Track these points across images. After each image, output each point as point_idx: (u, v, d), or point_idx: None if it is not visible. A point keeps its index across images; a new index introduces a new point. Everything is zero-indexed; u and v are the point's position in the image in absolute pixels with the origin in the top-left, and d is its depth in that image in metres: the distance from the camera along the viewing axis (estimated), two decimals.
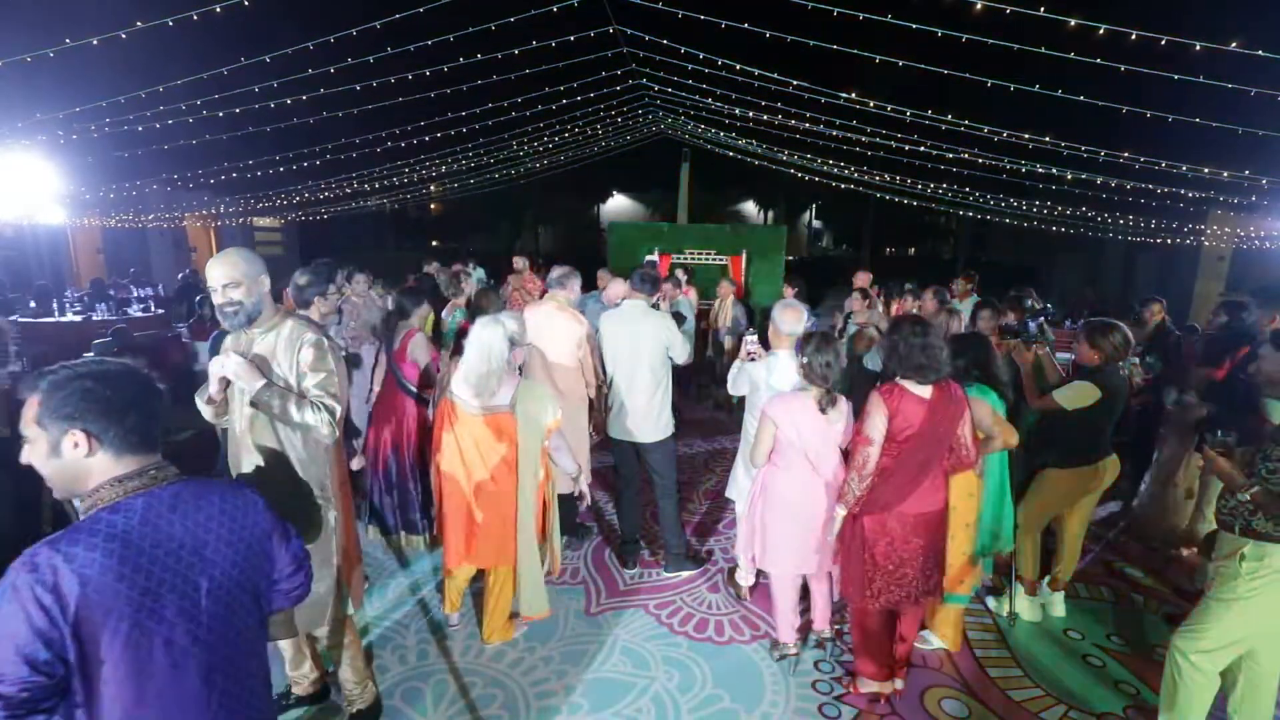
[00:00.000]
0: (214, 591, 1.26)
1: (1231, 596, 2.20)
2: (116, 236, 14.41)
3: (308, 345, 2.22)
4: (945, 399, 2.48)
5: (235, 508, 1.33)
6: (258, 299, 2.19)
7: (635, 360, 3.54)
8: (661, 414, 3.62)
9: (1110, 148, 6.54)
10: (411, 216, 26.92)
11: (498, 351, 2.67)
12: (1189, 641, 2.30)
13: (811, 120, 7.91)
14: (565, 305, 3.73)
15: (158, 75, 5.86)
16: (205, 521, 1.26)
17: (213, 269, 2.15)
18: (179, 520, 1.23)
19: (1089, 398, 3.02)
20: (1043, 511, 3.31)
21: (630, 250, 9.85)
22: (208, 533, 1.26)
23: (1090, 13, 4.22)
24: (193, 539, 1.24)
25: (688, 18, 5.33)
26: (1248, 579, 2.15)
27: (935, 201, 11.91)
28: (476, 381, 2.69)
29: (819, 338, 2.72)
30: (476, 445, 2.78)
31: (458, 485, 2.84)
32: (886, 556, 2.56)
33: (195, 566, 1.23)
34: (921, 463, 2.49)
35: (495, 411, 2.75)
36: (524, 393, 2.77)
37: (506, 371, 2.74)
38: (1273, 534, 2.10)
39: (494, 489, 2.80)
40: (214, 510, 1.29)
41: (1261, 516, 2.12)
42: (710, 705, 2.71)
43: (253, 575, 1.36)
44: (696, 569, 3.76)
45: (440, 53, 5.96)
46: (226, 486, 1.35)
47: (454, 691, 2.76)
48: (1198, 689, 2.29)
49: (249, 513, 1.35)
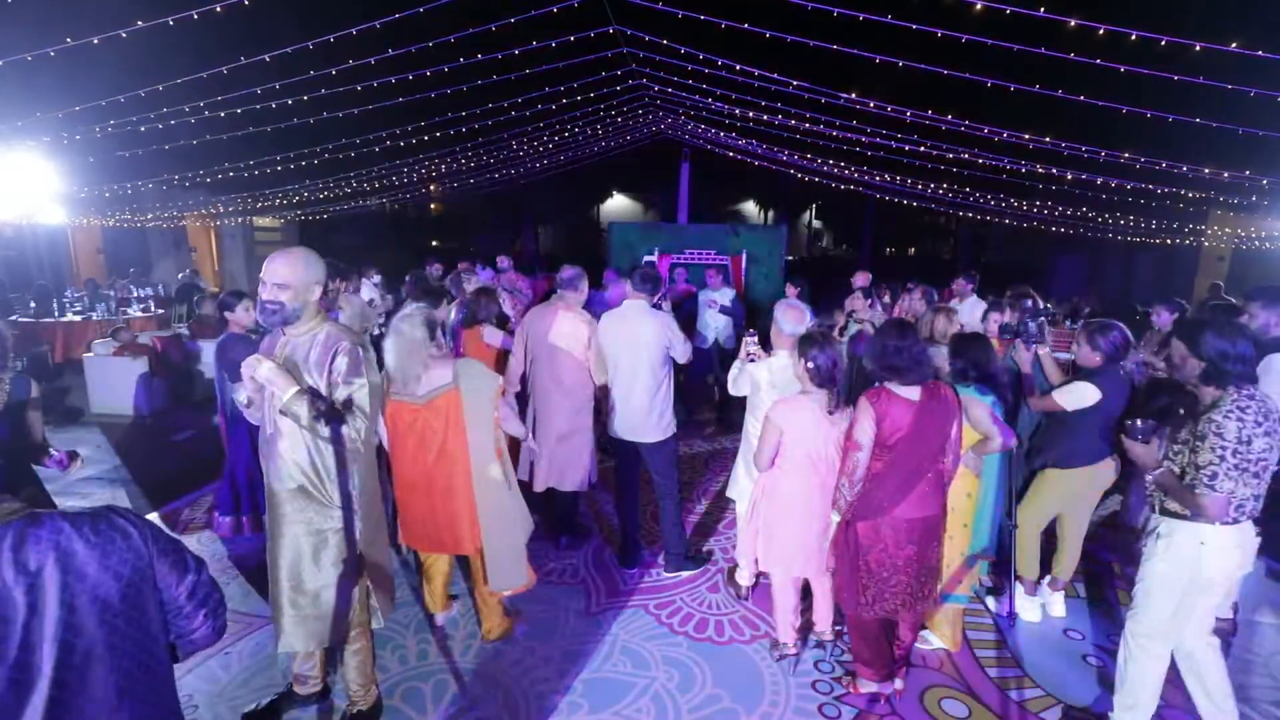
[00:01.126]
0: (64, 652, 1.07)
1: (1153, 574, 2.34)
2: (116, 236, 14.42)
3: (342, 354, 2.19)
4: (933, 401, 2.47)
5: (91, 546, 1.13)
6: (300, 305, 2.18)
7: (636, 360, 3.55)
8: (663, 415, 3.62)
9: (1110, 148, 6.54)
10: (411, 216, 26.90)
11: (419, 338, 2.65)
12: (1133, 623, 2.44)
13: (811, 120, 7.91)
14: (573, 305, 3.73)
15: (158, 75, 5.86)
16: (41, 569, 1.08)
17: (270, 263, 2.15)
18: (5, 570, 1.05)
19: (1089, 398, 3.02)
20: (1043, 512, 3.32)
21: (630, 250, 9.86)
22: (46, 581, 1.07)
23: (1090, 13, 4.22)
24: (24, 593, 1.05)
25: (688, 18, 5.33)
26: (1161, 556, 2.30)
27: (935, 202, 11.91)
28: (402, 372, 2.67)
29: (820, 338, 2.71)
30: (422, 435, 2.75)
31: (414, 480, 2.82)
32: (880, 564, 2.53)
33: (30, 625, 1.05)
34: (914, 467, 2.47)
35: (435, 395, 2.71)
36: (464, 368, 2.76)
37: (434, 355, 2.72)
38: (1179, 512, 2.24)
39: (446, 473, 2.77)
40: (56, 553, 1.09)
41: (1170, 497, 2.26)
42: (710, 705, 2.71)
43: (134, 623, 1.18)
44: (696, 569, 3.76)
45: (440, 53, 5.96)
46: (84, 520, 1.15)
47: (454, 691, 2.76)
48: (1146, 668, 2.40)
49: (110, 550, 1.15)
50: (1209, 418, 2.13)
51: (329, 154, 9.07)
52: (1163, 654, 2.39)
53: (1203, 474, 2.12)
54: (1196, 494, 2.14)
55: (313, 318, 2.24)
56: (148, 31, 4.87)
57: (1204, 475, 2.12)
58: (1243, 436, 2.08)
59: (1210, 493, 2.11)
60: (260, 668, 2.89)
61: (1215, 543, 2.19)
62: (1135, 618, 2.42)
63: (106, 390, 6.95)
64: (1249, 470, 2.11)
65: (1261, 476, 2.16)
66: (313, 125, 7.49)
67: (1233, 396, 2.13)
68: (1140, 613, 2.40)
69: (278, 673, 2.83)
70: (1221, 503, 2.12)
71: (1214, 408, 2.14)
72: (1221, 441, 2.09)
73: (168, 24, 4.84)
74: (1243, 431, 2.08)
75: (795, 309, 3.16)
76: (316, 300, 2.23)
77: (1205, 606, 2.33)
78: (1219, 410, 2.12)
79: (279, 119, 7.10)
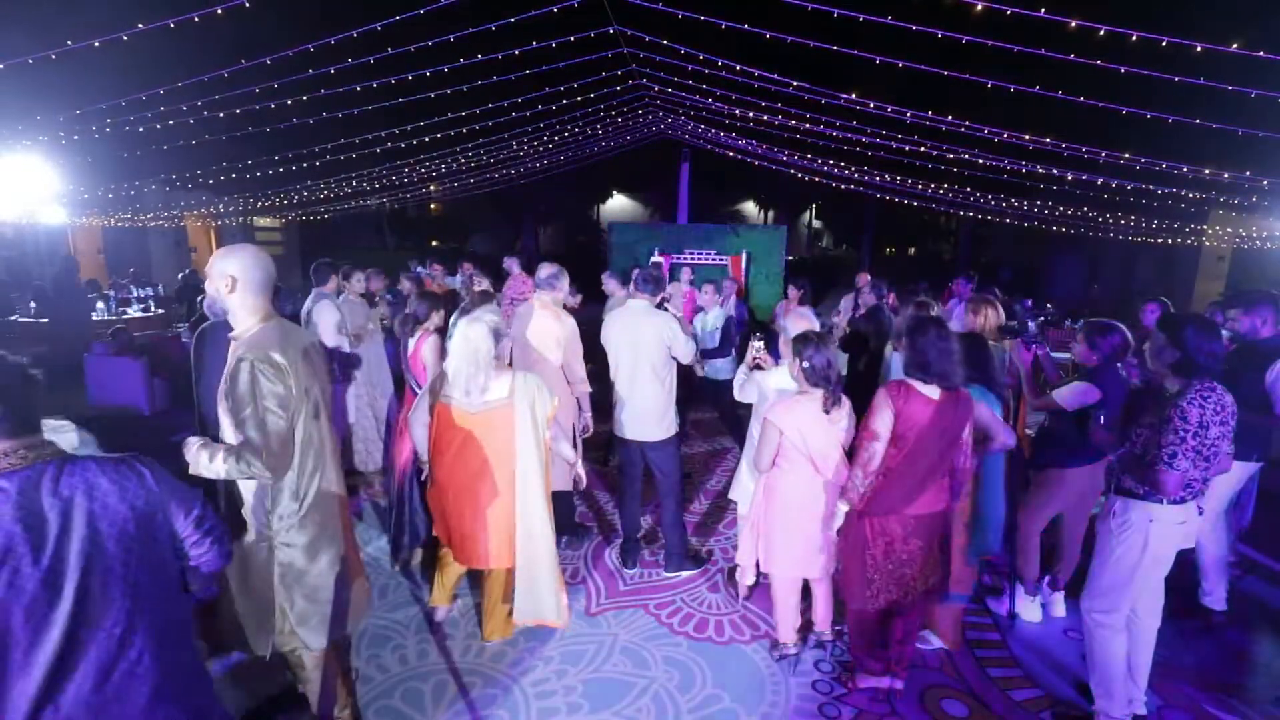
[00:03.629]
0: (88, 564, 1.30)
1: (1109, 550, 2.49)
2: (117, 236, 14.42)
3: (232, 365, 1.96)
4: (953, 401, 2.48)
5: (112, 482, 1.37)
6: (218, 297, 2.02)
7: (637, 360, 3.55)
8: (665, 414, 3.63)
9: (1111, 148, 6.54)
10: (411, 216, 26.91)
11: (484, 349, 2.65)
12: (1087, 600, 2.59)
13: (811, 120, 7.91)
14: (549, 304, 3.74)
15: (159, 76, 5.87)
16: (72, 497, 1.31)
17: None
18: (45, 496, 1.29)
19: (1089, 397, 3.02)
20: (1043, 512, 3.32)
21: (630, 250, 9.86)
22: (75, 508, 1.31)
23: (1091, 14, 4.22)
24: (58, 515, 1.29)
25: (688, 18, 5.33)
26: (1116, 533, 2.47)
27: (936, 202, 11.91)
28: (465, 381, 2.66)
29: (815, 339, 2.72)
30: (469, 444, 2.75)
31: (450, 486, 2.81)
32: (886, 556, 2.56)
33: (61, 540, 1.28)
34: (929, 466, 2.48)
35: (491, 407, 2.72)
36: (521, 384, 2.75)
37: (496, 366, 2.72)
38: (1133, 490, 2.42)
39: (489, 487, 2.77)
40: (85, 486, 1.33)
41: (1128, 476, 2.45)
42: (710, 705, 2.71)
43: (147, 546, 1.40)
44: (696, 569, 3.76)
45: (440, 53, 5.96)
46: (108, 462, 1.40)
47: (454, 691, 2.76)
48: (1106, 642, 2.54)
49: (128, 486, 1.39)
50: (1175, 403, 2.31)
51: (329, 154, 9.07)
52: (1118, 626, 2.53)
53: (1163, 453, 2.30)
54: (1157, 470, 2.32)
55: (247, 318, 2.06)
56: (148, 34, 4.87)
57: (1164, 454, 2.30)
58: (1202, 422, 2.28)
59: (1169, 470, 2.29)
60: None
61: (1163, 519, 2.38)
62: (1089, 594, 2.58)
63: (106, 390, 6.95)
64: (1202, 454, 2.32)
65: (1210, 461, 2.36)
66: (313, 125, 7.49)
67: (1196, 387, 2.31)
68: (1094, 587, 2.56)
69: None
70: (1177, 480, 2.30)
71: (1179, 395, 2.32)
72: (1184, 425, 2.28)
73: (168, 26, 4.84)
74: (1203, 417, 2.27)
75: (805, 319, 3.16)
76: (238, 297, 2.02)
77: (1155, 579, 2.50)
78: (1184, 397, 2.30)
79: (279, 119, 7.10)
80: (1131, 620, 2.56)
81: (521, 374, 2.81)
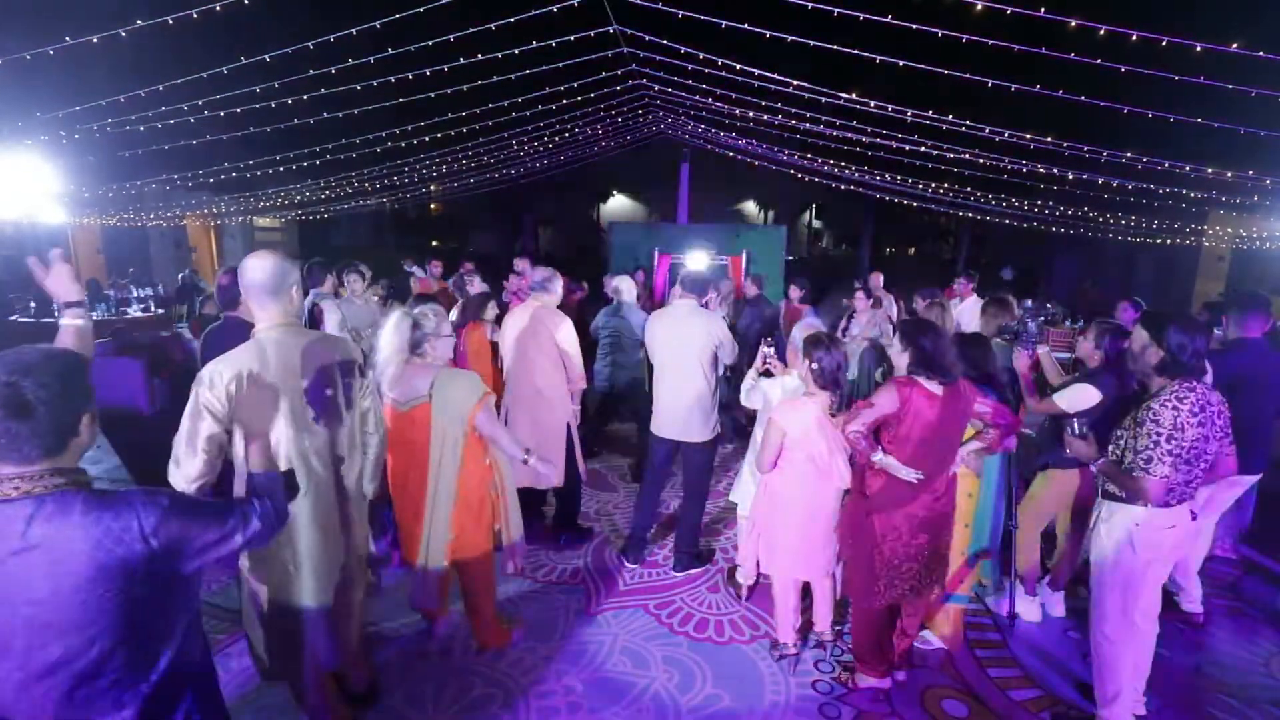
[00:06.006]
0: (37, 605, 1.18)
1: (1100, 558, 2.45)
2: (116, 236, 14.40)
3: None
4: (955, 396, 2.49)
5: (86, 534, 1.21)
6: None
7: (684, 360, 3.52)
8: (711, 415, 3.60)
9: (1112, 148, 6.53)
10: (411, 216, 26.88)
11: (395, 342, 2.64)
12: (1096, 619, 2.51)
13: (811, 120, 7.90)
14: (544, 307, 3.78)
15: (158, 74, 5.86)
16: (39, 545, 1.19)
17: None
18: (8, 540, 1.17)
19: (1089, 400, 3.01)
20: (1043, 511, 3.32)
21: (631, 250, 9.85)
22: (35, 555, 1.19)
23: (1091, 13, 4.21)
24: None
25: (688, 18, 5.32)
26: (1103, 540, 2.43)
27: (936, 202, 11.91)
28: (378, 373, 2.64)
29: (827, 340, 2.71)
30: (400, 442, 2.72)
31: (397, 487, 2.81)
32: (894, 553, 2.56)
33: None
34: (935, 461, 2.49)
35: (415, 405, 2.69)
36: (443, 379, 2.68)
37: (416, 363, 2.70)
38: (1116, 494, 2.38)
39: (411, 485, 2.76)
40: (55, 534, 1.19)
41: (1111, 482, 2.40)
42: (710, 705, 2.71)
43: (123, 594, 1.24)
44: (700, 568, 3.78)
45: (440, 53, 5.95)
46: (98, 502, 1.24)
47: (454, 691, 2.76)
48: (1112, 655, 2.47)
49: (104, 539, 1.22)
50: (1147, 405, 2.26)
51: (329, 154, 9.07)
52: (1121, 638, 2.46)
53: (1139, 458, 2.25)
54: (1135, 478, 2.26)
55: (258, 323, 2.09)
56: (148, 31, 4.86)
57: (1140, 459, 2.24)
58: (1177, 424, 2.19)
59: (1147, 476, 2.22)
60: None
61: (1149, 524, 2.31)
62: (1097, 613, 2.51)
63: (106, 390, 6.95)
64: (1182, 457, 2.21)
65: (1194, 464, 2.25)
66: (313, 125, 7.48)
67: (1173, 388, 2.24)
68: (1100, 608, 2.49)
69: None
70: (1160, 486, 2.22)
71: (1153, 397, 2.25)
72: (1157, 428, 2.21)
73: (167, 23, 4.84)
74: (1178, 419, 2.19)
75: (814, 330, 3.16)
76: (248, 304, 2.06)
77: (1150, 586, 2.42)
78: (1157, 400, 2.24)
79: (279, 119, 7.09)
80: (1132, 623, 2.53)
81: (447, 371, 2.75)
